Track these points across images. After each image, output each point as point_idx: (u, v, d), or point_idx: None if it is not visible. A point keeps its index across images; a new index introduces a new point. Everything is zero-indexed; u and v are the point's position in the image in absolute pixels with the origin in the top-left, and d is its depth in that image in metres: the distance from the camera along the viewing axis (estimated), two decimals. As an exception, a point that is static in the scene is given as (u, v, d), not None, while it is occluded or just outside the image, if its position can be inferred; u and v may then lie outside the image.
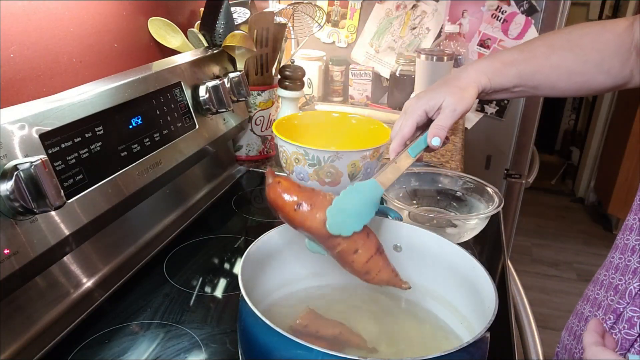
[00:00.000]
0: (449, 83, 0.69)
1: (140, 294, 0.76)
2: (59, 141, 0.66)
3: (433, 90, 0.69)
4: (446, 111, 0.66)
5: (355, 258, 0.57)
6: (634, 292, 0.65)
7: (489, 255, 0.94)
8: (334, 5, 1.73)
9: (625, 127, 2.86)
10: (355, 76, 1.69)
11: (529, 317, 0.93)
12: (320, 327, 0.61)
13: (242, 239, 0.93)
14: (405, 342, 0.61)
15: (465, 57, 1.61)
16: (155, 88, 0.86)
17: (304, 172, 1.00)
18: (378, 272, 0.58)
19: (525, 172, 1.84)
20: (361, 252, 0.57)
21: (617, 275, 0.69)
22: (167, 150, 0.87)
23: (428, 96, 0.68)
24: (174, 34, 1.12)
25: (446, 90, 0.67)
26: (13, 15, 0.76)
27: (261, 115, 1.19)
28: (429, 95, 0.68)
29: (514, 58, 0.70)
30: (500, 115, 1.75)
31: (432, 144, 0.65)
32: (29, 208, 0.58)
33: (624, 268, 0.68)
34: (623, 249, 0.70)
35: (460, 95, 0.66)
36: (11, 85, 0.77)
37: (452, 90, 0.67)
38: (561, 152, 3.98)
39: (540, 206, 3.38)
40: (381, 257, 0.58)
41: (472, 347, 0.47)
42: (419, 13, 1.67)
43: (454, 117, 0.66)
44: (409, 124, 0.68)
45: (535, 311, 0.95)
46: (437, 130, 0.65)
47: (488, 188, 0.93)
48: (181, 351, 0.65)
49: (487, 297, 0.55)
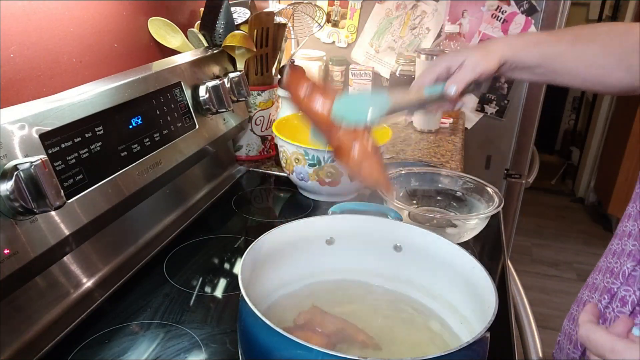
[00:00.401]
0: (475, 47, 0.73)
1: (140, 294, 0.76)
2: (59, 141, 0.66)
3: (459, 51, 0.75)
4: (467, 67, 0.69)
5: (351, 154, 0.60)
6: (627, 272, 0.66)
7: (489, 255, 0.94)
8: (334, 5, 1.73)
9: (625, 127, 2.86)
10: (355, 76, 1.69)
11: (529, 317, 0.93)
12: (322, 323, 0.61)
13: (242, 239, 0.93)
14: (405, 342, 0.61)
15: (465, 57, 1.61)
16: (155, 88, 0.86)
17: (304, 172, 1.00)
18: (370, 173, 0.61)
19: (525, 172, 1.85)
20: (358, 150, 0.60)
21: (614, 259, 0.71)
22: (167, 150, 0.87)
23: (452, 54, 0.73)
24: (174, 34, 1.12)
25: (470, 51, 0.71)
26: (13, 15, 0.76)
27: (261, 115, 1.19)
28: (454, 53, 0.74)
29: (541, 39, 0.73)
30: (500, 115, 1.75)
31: (447, 90, 0.69)
32: (29, 208, 0.58)
33: (620, 252, 0.70)
34: (621, 235, 0.72)
35: (483, 55, 0.70)
36: (11, 85, 0.77)
37: (475, 51, 0.71)
38: (561, 152, 3.98)
39: (540, 206, 3.38)
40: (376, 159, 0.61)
41: (472, 347, 0.47)
42: (419, 13, 1.68)
43: (474, 74, 0.69)
44: (429, 74, 0.72)
45: (535, 311, 0.95)
46: (454, 80, 0.69)
47: (488, 188, 0.93)
48: (181, 351, 0.65)
49: (487, 297, 0.55)
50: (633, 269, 0.66)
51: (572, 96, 3.85)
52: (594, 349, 0.49)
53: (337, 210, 0.72)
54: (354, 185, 1.01)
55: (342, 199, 1.04)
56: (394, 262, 0.69)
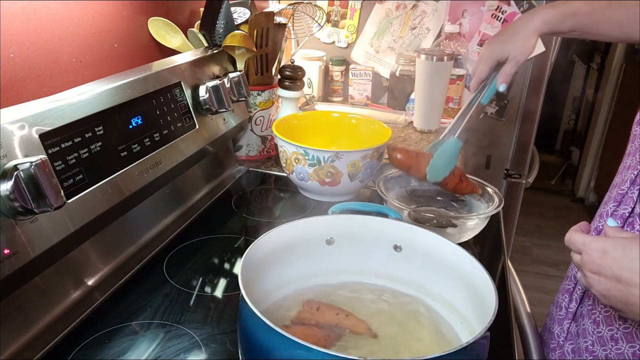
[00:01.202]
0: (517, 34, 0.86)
1: (140, 294, 0.76)
2: (59, 141, 0.66)
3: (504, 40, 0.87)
4: (511, 62, 0.87)
5: (446, 187, 0.91)
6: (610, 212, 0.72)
7: (489, 255, 0.94)
8: (334, 5, 1.73)
9: (625, 127, 2.85)
10: (355, 76, 1.69)
11: (529, 317, 0.93)
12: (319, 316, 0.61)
13: (242, 239, 0.93)
14: (405, 342, 0.61)
15: (465, 57, 1.61)
16: (155, 88, 0.86)
17: (304, 172, 1.00)
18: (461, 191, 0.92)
19: (525, 172, 1.84)
20: (449, 184, 0.90)
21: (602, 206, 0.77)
22: (167, 150, 0.87)
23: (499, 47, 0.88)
24: (174, 34, 1.12)
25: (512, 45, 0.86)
26: (13, 15, 0.76)
27: (261, 115, 1.19)
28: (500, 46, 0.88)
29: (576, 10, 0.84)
30: (500, 115, 1.75)
31: (500, 89, 0.88)
32: (29, 208, 0.58)
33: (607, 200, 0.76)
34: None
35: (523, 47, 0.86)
36: (11, 85, 0.77)
37: (517, 44, 0.86)
38: (561, 152, 3.98)
39: (540, 206, 3.38)
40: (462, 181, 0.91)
41: (472, 347, 0.47)
42: (419, 13, 1.68)
43: (517, 65, 0.87)
44: (485, 69, 0.89)
45: (535, 311, 0.95)
46: (503, 77, 0.88)
47: (488, 188, 0.93)
48: (181, 351, 0.65)
49: (487, 297, 0.55)
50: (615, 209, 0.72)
51: (572, 96, 3.85)
52: (574, 247, 0.59)
53: (337, 210, 0.72)
54: (354, 185, 1.01)
55: (342, 199, 1.04)
56: (394, 262, 0.69)
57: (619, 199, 0.71)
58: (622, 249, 0.53)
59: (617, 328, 0.68)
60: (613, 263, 0.53)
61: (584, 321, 0.73)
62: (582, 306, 0.75)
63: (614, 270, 0.53)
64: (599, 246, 0.55)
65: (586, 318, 0.73)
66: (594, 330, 0.71)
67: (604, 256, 0.54)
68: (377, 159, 1.02)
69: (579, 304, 0.76)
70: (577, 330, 0.75)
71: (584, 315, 0.74)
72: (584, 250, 0.57)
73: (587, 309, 0.73)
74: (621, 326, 0.67)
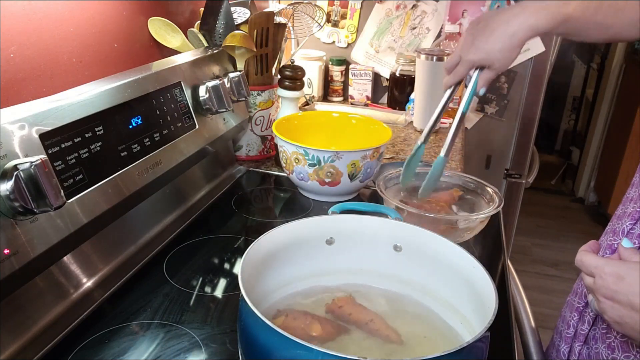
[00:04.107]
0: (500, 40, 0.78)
1: (140, 294, 0.76)
2: (59, 141, 0.66)
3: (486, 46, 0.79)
4: (492, 70, 0.81)
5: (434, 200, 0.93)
6: (626, 230, 0.68)
7: (489, 255, 0.94)
8: (334, 5, 1.73)
9: (625, 127, 2.86)
10: (355, 76, 1.69)
11: (529, 317, 0.93)
12: (355, 311, 0.62)
13: (242, 239, 0.93)
14: (404, 342, 0.61)
15: (465, 57, 1.61)
16: (155, 88, 0.86)
17: (304, 172, 1.00)
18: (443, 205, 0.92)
19: (525, 172, 1.84)
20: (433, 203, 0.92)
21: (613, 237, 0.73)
22: (167, 150, 0.87)
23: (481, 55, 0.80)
24: (174, 34, 1.12)
25: (499, 55, 0.79)
26: (13, 15, 0.76)
27: (261, 115, 1.19)
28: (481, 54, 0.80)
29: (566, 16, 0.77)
30: (500, 115, 1.75)
31: (480, 94, 0.84)
32: (29, 208, 0.58)
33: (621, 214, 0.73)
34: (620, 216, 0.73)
35: (508, 58, 0.80)
36: (11, 85, 0.77)
37: (504, 54, 0.79)
38: (561, 152, 3.98)
39: (540, 206, 3.38)
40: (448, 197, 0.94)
41: (472, 347, 0.47)
42: (419, 13, 1.68)
43: (498, 73, 0.82)
44: (463, 70, 0.84)
45: (535, 311, 0.95)
46: (483, 82, 0.83)
47: (488, 188, 0.93)
48: (181, 351, 0.65)
49: (487, 297, 0.55)
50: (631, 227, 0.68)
51: (572, 96, 3.85)
52: (585, 269, 0.57)
53: (337, 210, 0.72)
54: (354, 185, 1.01)
55: (342, 199, 1.04)
56: (394, 262, 0.68)
57: (637, 216, 0.68)
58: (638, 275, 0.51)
59: (634, 355, 0.65)
60: (629, 290, 0.51)
61: (597, 344, 0.70)
62: (594, 329, 0.71)
63: (629, 297, 0.51)
64: (613, 270, 0.53)
65: (600, 342, 0.70)
66: (609, 355, 0.68)
67: (619, 282, 0.52)
68: (377, 159, 1.02)
69: (592, 326, 0.72)
70: (588, 353, 0.72)
71: (597, 338, 0.70)
72: (597, 274, 0.54)
73: (601, 332, 0.70)
74: (639, 353, 0.64)
